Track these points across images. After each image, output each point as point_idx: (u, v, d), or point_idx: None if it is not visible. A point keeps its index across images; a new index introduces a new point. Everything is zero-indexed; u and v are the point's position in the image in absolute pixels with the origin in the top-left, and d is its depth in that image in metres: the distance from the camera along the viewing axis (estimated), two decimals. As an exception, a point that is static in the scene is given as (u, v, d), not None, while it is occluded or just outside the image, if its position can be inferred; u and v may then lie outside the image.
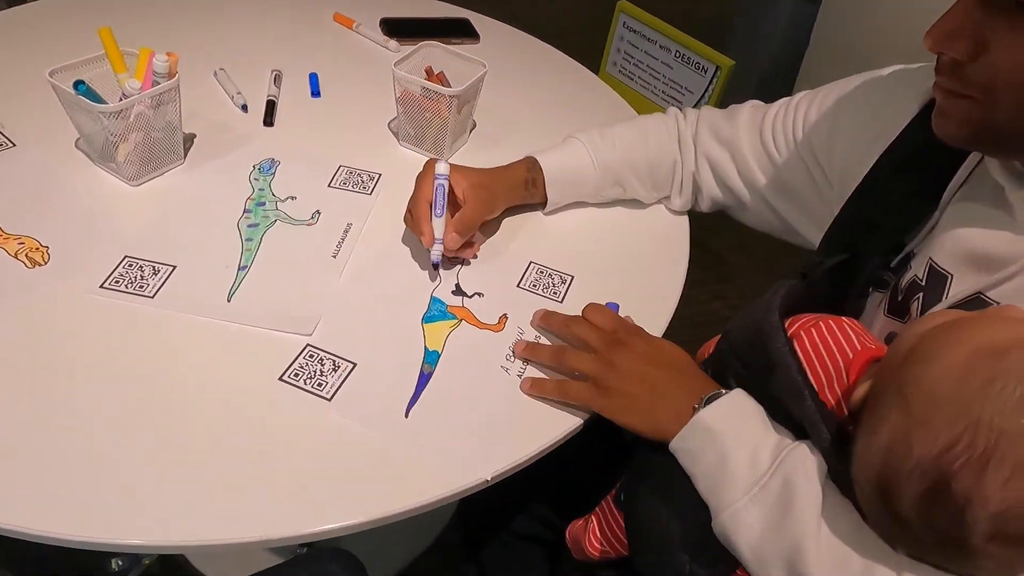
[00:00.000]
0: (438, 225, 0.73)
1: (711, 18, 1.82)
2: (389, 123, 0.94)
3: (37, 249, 0.69)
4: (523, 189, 0.80)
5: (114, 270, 0.70)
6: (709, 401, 0.55)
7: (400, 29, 1.11)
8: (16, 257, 0.68)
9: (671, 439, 0.55)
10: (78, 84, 0.72)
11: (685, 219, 0.87)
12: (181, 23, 1.06)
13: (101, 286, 0.69)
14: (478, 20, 1.18)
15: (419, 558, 1.15)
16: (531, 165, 0.80)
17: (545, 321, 0.70)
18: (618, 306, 0.71)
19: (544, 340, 0.70)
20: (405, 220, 0.76)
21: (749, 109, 0.79)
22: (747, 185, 0.78)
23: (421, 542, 1.16)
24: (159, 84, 0.75)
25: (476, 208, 0.74)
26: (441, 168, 0.73)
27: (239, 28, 1.08)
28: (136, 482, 0.55)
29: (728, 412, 0.54)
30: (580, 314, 0.67)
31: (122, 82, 0.76)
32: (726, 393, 0.55)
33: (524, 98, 1.04)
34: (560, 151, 0.81)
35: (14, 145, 0.81)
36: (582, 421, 0.63)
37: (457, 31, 1.14)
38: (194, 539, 0.53)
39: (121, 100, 0.75)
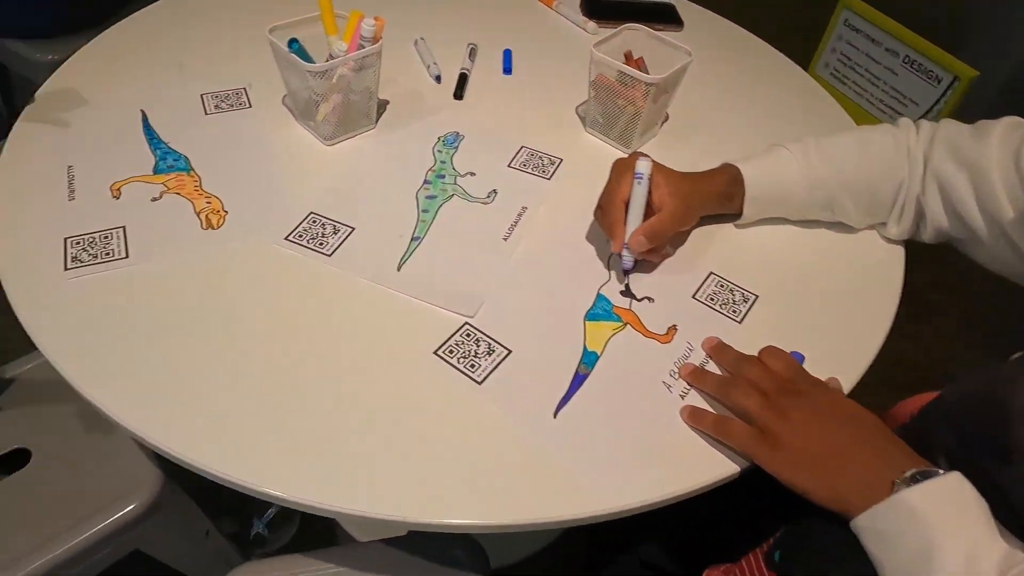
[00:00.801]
0: (632, 228, 0.68)
1: (953, 19, 1.58)
2: (577, 107, 0.91)
3: (217, 212, 0.73)
4: (717, 201, 0.73)
5: (299, 224, 0.73)
6: (916, 479, 0.46)
7: (600, 10, 1.07)
8: (197, 215, 0.72)
9: (855, 513, 0.47)
10: (292, 42, 0.76)
11: (901, 249, 0.75)
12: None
13: (286, 238, 0.72)
14: (684, 7, 1.11)
15: (539, 552, 1.13)
16: (732, 177, 0.72)
17: (716, 352, 0.63)
18: (803, 357, 0.63)
19: (713, 367, 0.63)
20: (595, 215, 0.72)
21: (1005, 125, 0.66)
22: (986, 216, 0.66)
23: (545, 536, 1.14)
24: (363, 48, 0.77)
25: (673, 217, 0.68)
26: (642, 167, 0.68)
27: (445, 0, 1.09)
28: (284, 433, 0.56)
29: (943, 497, 0.45)
30: (756, 355, 0.60)
31: (331, 44, 0.79)
32: (941, 474, 0.46)
33: (724, 94, 0.96)
34: (766, 162, 0.72)
35: (250, 106, 0.86)
36: (739, 469, 0.56)
37: (659, 16, 1.08)
38: (314, 501, 0.52)
39: (328, 61, 0.77)
